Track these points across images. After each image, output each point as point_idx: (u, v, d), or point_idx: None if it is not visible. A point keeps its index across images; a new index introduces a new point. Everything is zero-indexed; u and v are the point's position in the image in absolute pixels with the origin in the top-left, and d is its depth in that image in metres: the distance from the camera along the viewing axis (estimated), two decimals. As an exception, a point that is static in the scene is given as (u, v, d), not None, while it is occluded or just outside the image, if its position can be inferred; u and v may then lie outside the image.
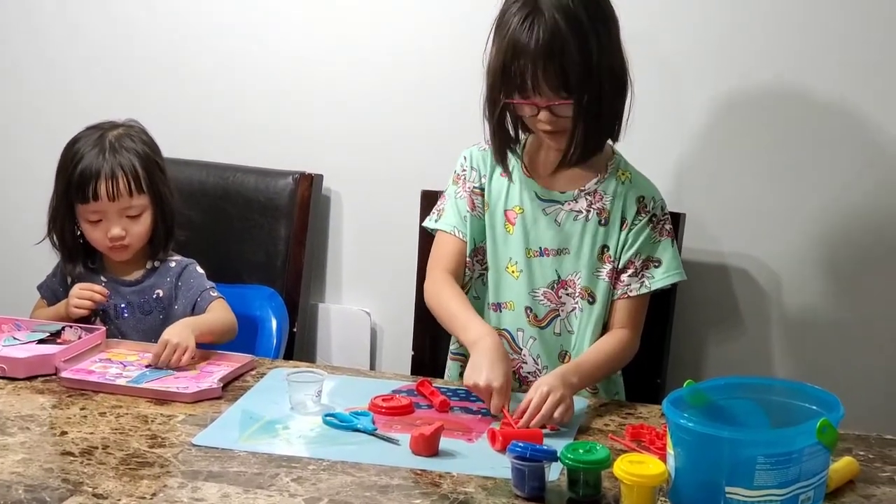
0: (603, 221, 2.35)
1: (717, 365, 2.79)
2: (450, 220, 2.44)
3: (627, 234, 2.35)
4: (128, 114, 2.61)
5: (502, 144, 2.36)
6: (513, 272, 2.39)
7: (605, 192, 2.36)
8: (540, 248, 2.37)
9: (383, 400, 2.18)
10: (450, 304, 2.35)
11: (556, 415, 2.08)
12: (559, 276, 2.37)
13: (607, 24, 2.27)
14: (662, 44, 2.66)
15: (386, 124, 2.94)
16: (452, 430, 2.07)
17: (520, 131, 2.37)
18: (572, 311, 2.37)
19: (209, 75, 3.04)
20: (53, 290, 2.59)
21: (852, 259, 2.69)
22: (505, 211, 2.40)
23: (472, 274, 2.43)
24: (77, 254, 2.55)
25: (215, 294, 2.54)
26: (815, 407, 1.78)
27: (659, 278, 2.36)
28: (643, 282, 2.35)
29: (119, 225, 2.48)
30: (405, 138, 2.92)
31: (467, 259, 2.42)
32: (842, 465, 1.90)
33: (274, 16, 2.98)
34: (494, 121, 2.32)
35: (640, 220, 2.35)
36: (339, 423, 2.10)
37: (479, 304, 2.42)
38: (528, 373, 2.39)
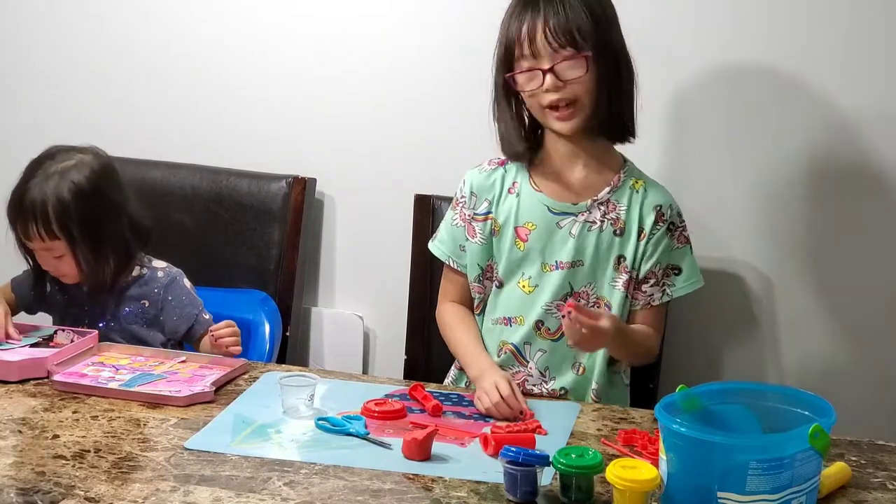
0: (618, 232, 2.34)
1: (710, 370, 2.79)
2: (445, 247, 2.45)
3: (646, 244, 2.34)
4: (120, 117, 2.61)
5: (513, 130, 2.36)
6: (524, 287, 2.38)
7: (618, 201, 2.35)
8: (556, 261, 2.35)
9: (376, 404, 2.18)
10: (457, 337, 2.41)
11: (585, 337, 2.13)
12: (572, 288, 2.35)
13: (610, 5, 2.32)
14: (659, 48, 2.66)
15: (379, 128, 2.94)
16: (445, 435, 2.07)
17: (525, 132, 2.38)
18: None
19: (202, 79, 3.04)
20: (25, 290, 2.58)
21: (847, 264, 2.70)
22: (516, 228, 2.38)
23: (484, 295, 2.43)
24: (40, 276, 2.53)
25: (208, 317, 2.54)
26: (807, 412, 1.78)
27: (680, 286, 2.38)
28: (665, 290, 2.37)
29: (45, 261, 2.46)
30: (399, 142, 2.92)
31: (474, 284, 2.42)
32: (834, 471, 1.90)
33: (267, 20, 2.98)
34: (503, 103, 2.33)
35: (659, 230, 2.34)
36: (331, 427, 2.10)
37: (485, 321, 2.43)
38: (533, 385, 2.37)
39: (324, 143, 2.98)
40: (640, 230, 2.34)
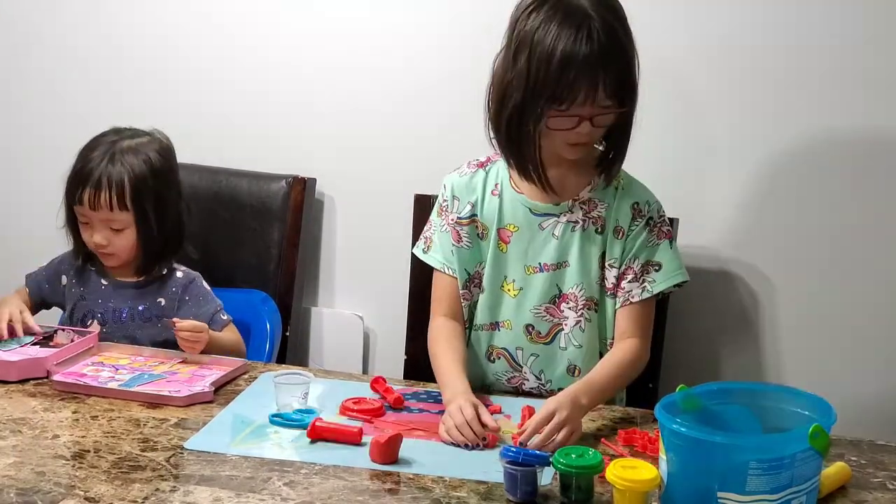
0: (599, 230, 2.31)
1: (711, 369, 2.79)
2: (438, 254, 2.41)
3: (625, 241, 2.30)
4: (120, 118, 2.61)
5: (526, 159, 2.26)
6: (509, 291, 2.35)
7: (600, 199, 2.32)
8: (539, 263, 2.32)
9: (353, 402, 2.18)
10: (438, 359, 2.31)
11: (559, 437, 2.02)
12: (560, 290, 2.32)
13: (633, 42, 2.24)
14: (655, 47, 2.66)
15: (379, 128, 2.93)
16: (420, 431, 2.09)
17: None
18: (577, 324, 2.32)
19: (202, 79, 3.04)
20: (39, 283, 2.59)
21: (847, 263, 2.70)
22: (499, 230, 2.35)
23: (470, 301, 2.39)
24: (80, 247, 2.55)
25: (226, 318, 2.54)
26: (807, 412, 1.78)
27: (661, 281, 2.30)
28: (644, 286, 2.30)
29: (101, 234, 2.47)
30: (398, 142, 2.92)
31: (462, 291, 2.38)
32: (834, 471, 1.90)
33: (267, 20, 2.97)
34: (527, 134, 2.21)
35: (637, 226, 2.31)
36: (284, 421, 2.11)
37: (469, 329, 2.40)
38: (531, 388, 2.36)
39: (324, 143, 2.98)
40: (620, 228, 2.31)
